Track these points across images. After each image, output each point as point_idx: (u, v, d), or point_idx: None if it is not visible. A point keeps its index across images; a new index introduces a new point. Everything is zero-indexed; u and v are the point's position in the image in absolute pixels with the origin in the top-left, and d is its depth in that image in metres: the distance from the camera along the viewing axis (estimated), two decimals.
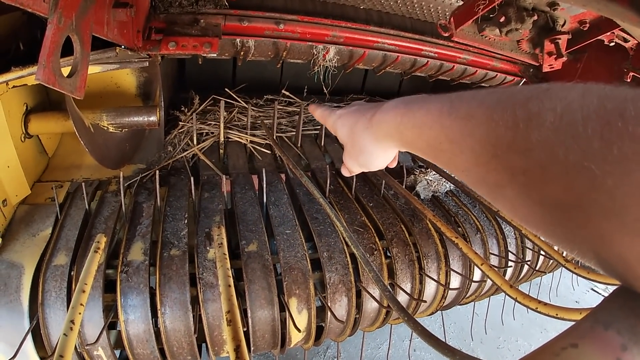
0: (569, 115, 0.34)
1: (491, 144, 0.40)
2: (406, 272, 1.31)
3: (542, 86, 0.39)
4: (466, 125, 0.44)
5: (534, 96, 0.38)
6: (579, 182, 0.32)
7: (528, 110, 0.37)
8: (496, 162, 0.40)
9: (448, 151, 0.47)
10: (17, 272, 1.04)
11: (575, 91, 0.35)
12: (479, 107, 0.43)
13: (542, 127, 0.35)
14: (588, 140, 0.32)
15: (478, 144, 0.42)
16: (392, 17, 1.65)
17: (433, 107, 0.50)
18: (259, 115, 1.95)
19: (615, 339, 0.29)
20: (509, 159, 0.38)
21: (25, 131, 1.27)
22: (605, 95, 0.33)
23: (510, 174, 0.39)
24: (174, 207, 1.30)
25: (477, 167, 0.43)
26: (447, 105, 0.48)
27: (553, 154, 0.34)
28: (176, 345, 1.10)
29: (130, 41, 1.09)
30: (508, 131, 0.38)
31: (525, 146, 0.36)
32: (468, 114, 0.44)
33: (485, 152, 0.41)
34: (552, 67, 1.64)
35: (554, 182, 0.34)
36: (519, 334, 3.09)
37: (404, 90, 2.80)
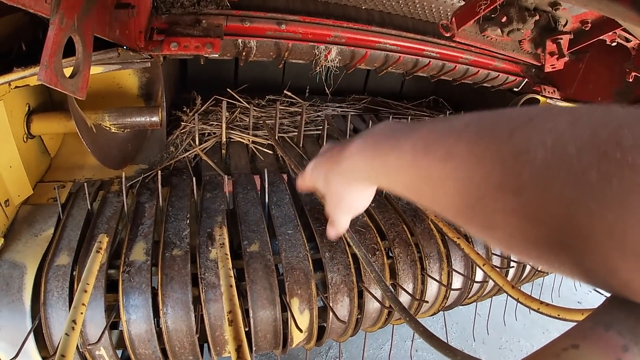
0: (561, 148, 0.31)
1: (476, 185, 0.37)
2: (408, 272, 1.31)
3: (525, 114, 0.36)
4: (446, 167, 0.40)
5: (518, 128, 0.35)
6: (576, 220, 0.30)
7: (514, 145, 0.34)
8: (484, 204, 0.37)
9: (430, 194, 0.44)
10: (20, 272, 1.04)
11: (563, 120, 0.33)
12: (456, 144, 0.40)
13: (532, 163, 0.32)
14: (584, 174, 0.29)
15: (462, 185, 0.39)
16: (394, 18, 1.65)
17: (404, 147, 0.46)
18: (261, 115, 1.96)
19: (616, 340, 0.29)
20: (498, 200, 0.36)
21: (28, 131, 1.27)
22: (598, 123, 0.31)
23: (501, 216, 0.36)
24: (176, 207, 1.30)
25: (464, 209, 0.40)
26: (420, 143, 0.44)
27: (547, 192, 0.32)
28: (178, 345, 1.10)
29: (132, 42, 1.09)
30: (494, 170, 0.35)
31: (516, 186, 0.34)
32: (446, 153, 0.40)
33: (471, 194, 0.38)
34: (554, 67, 1.64)
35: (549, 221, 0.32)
36: (521, 334, 3.08)
37: (406, 90, 2.80)
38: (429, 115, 2.45)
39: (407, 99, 2.69)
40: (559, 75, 1.86)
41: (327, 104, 2.34)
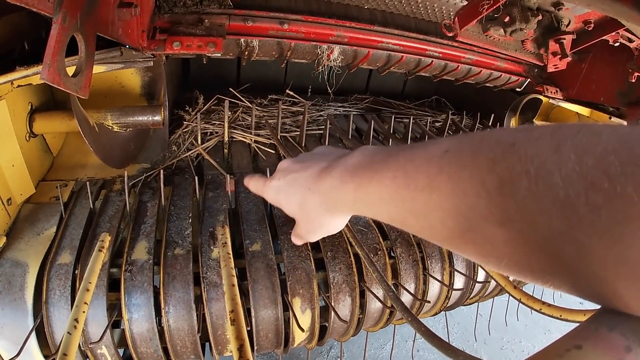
0: (546, 177, 0.30)
1: (463, 216, 0.36)
2: (410, 272, 1.31)
3: (505, 141, 0.35)
4: (430, 198, 0.39)
5: (499, 157, 0.34)
6: (566, 252, 0.30)
7: (497, 175, 0.33)
8: (472, 235, 0.37)
9: (415, 225, 0.43)
10: (22, 271, 1.04)
11: (546, 145, 0.31)
12: (438, 175, 0.39)
13: (517, 194, 0.31)
14: (571, 205, 0.28)
15: (448, 217, 0.38)
16: (396, 17, 1.65)
17: (384, 178, 0.46)
18: (263, 115, 1.96)
19: (619, 341, 0.29)
20: (486, 231, 0.35)
21: (30, 130, 1.28)
22: (583, 147, 0.29)
23: (491, 246, 0.36)
24: (178, 206, 1.30)
25: (453, 239, 0.39)
26: (400, 174, 0.43)
27: (535, 224, 0.31)
28: (180, 344, 1.10)
29: (134, 41, 1.09)
30: (480, 201, 0.35)
31: (503, 217, 0.33)
32: (428, 184, 0.40)
33: (458, 225, 0.37)
34: (557, 67, 1.63)
35: (539, 252, 0.32)
36: (523, 335, 3.08)
37: (408, 90, 2.80)
38: (431, 115, 2.45)
39: (410, 99, 2.68)
40: (561, 76, 1.86)
41: (330, 103, 2.34)
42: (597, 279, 0.29)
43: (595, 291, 0.31)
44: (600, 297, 0.31)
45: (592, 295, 0.32)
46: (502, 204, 0.33)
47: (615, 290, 0.29)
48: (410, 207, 0.42)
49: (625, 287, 0.28)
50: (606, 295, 0.30)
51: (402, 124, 2.27)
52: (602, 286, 0.29)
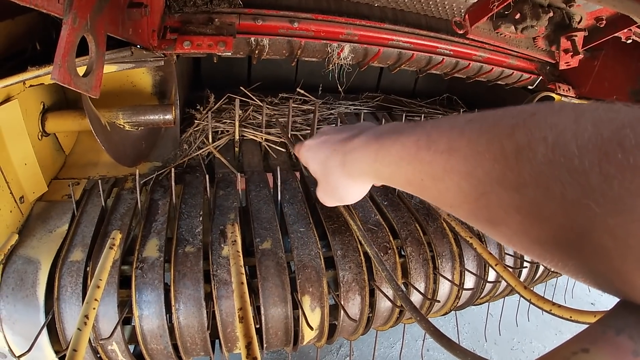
0: (563, 145, 0.30)
1: (479, 179, 0.37)
2: (420, 271, 1.31)
3: (528, 110, 0.35)
4: (448, 160, 0.40)
5: (520, 124, 0.34)
6: (578, 221, 0.30)
7: (516, 141, 0.34)
8: (486, 199, 0.37)
9: (431, 188, 0.44)
10: (34, 268, 1.06)
11: (566, 116, 0.32)
12: (459, 138, 0.39)
13: (533, 160, 0.32)
14: (585, 174, 0.29)
15: (464, 180, 0.38)
16: (406, 15, 1.64)
17: (408, 140, 0.46)
18: (274, 113, 1.96)
19: (627, 345, 0.29)
20: (500, 195, 0.35)
21: (43, 129, 1.29)
22: (601, 120, 0.30)
23: (504, 212, 0.36)
24: (189, 204, 1.31)
25: (466, 204, 0.40)
26: (424, 137, 0.44)
27: (549, 191, 0.31)
28: (189, 341, 1.11)
29: (145, 41, 1.10)
30: (496, 165, 0.35)
31: (518, 182, 0.33)
32: (449, 147, 0.40)
33: (473, 188, 0.38)
34: (569, 64, 1.61)
35: (551, 220, 0.32)
36: (533, 335, 3.05)
37: (419, 88, 2.78)
38: (442, 113, 2.44)
39: (421, 97, 2.67)
40: (573, 73, 1.84)
41: (340, 101, 2.34)
42: (606, 253, 0.29)
43: (603, 269, 0.31)
44: (606, 277, 0.31)
45: (597, 275, 0.32)
46: (518, 169, 0.33)
47: (623, 265, 0.29)
48: (428, 169, 0.43)
49: (634, 261, 0.28)
50: (614, 273, 0.30)
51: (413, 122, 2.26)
52: (611, 261, 0.29)
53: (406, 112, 2.31)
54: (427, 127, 0.45)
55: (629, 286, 0.30)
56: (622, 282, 0.30)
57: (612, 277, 0.30)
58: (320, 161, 0.68)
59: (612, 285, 0.31)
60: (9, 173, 1.11)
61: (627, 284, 0.30)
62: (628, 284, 0.30)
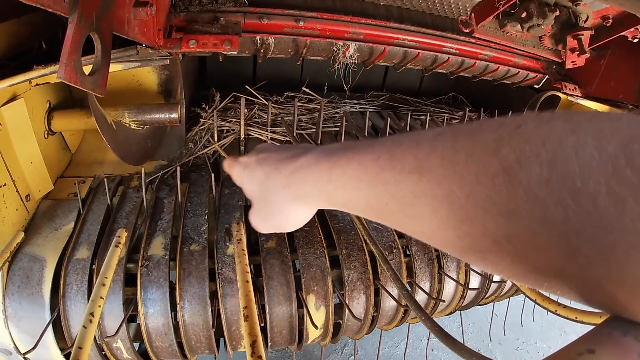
0: (561, 164, 0.26)
1: (459, 204, 0.32)
2: (425, 270, 1.30)
3: (510, 122, 0.31)
4: (419, 182, 0.34)
5: (504, 138, 0.30)
6: (583, 252, 0.26)
7: (502, 158, 0.29)
8: (469, 227, 0.32)
9: (399, 213, 0.37)
10: (40, 265, 1.06)
11: (559, 128, 0.28)
12: (430, 156, 0.34)
13: (526, 183, 0.27)
14: (591, 198, 0.25)
15: (441, 205, 0.33)
16: (412, 14, 1.64)
17: (366, 158, 0.40)
18: (279, 112, 1.96)
19: (633, 346, 0.28)
20: (486, 223, 0.30)
21: (49, 128, 1.30)
22: (601, 132, 0.26)
23: (491, 241, 0.31)
24: (195, 202, 1.31)
25: (442, 231, 0.34)
26: (385, 155, 0.38)
27: (547, 219, 0.27)
28: (194, 339, 1.11)
29: (151, 39, 1.10)
30: (480, 187, 0.30)
31: (508, 208, 0.29)
32: (417, 167, 0.35)
33: (453, 215, 0.32)
34: (575, 63, 1.60)
35: (550, 250, 0.28)
36: (538, 336, 3.04)
37: (425, 87, 2.78)
38: (448, 112, 2.43)
39: (426, 96, 2.66)
40: (580, 72, 1.83)
41: (346, 100, 2.34)
42: (616, 287, 0.26)
43: (609, 299, 0.28)
44: (613, 306, 0.28)
45: (603, 303, 0.29)
46: (507, 193, 0.28)
47: (633, 302, 0.26)
48: (393, 192, 0.37)
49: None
50: (620, 307, 0.27)
51: (418, 121, 2.26)
52: (620, 296, 0.26)
53: (412, 111, 2.31)
54: (387, 144, 0.39)
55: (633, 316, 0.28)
56: (628, 314, 0.28)
57: (616, 309, 0.28)
58: (258, 181, 0.58)
59: (613, 312, 0.29)
60: (15, 171, 1.11)
61: (633, 317, 0.28)
62: (634, 317, 0.28)
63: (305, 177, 0.49)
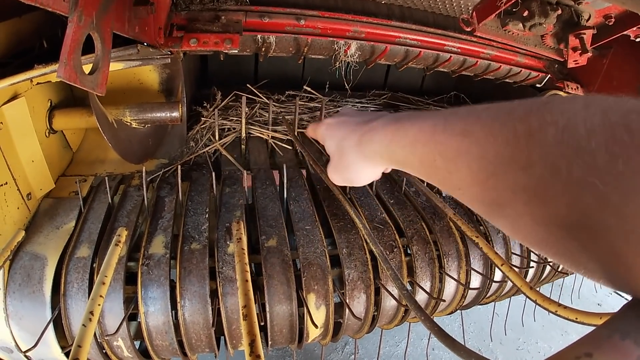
0: (572, 128, 0.32)
1: (489, 161, 0.38)
2: (426, 270, 1.30)
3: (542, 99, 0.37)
4: (462, 142, 0.42)
5: (534, 110, 0.36)
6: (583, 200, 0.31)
7: (528, 124, 0.35)
8: (495, 180, 0.38)
9: (442, 169, 0.45)
10: (40, 264, 1.06)
11: (577, 103, 0.33)
12: (475, 123, 0.41)
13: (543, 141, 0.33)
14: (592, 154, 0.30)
15: (475, 161, 0.40)
16: (414, 12, 1.63)
17: (426, 124, 0.48)
18: (281, 111, 1.96)
19: (632, 350, 0.28)
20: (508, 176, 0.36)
21: (50, 127, 1.30)
22: (609, 107, 0.31)
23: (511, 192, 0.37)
24: (196, 201, 1.31)
25: (474, 185, 0.41)
26: (441, 121, 0.46)
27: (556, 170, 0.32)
28: (195, 337, 1.11)
29: (151, 38, 1.10)
30: (507, 147, 0.36)
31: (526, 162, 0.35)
32: (464, 130, 0.42)
33: (483, 169, 0.39)
34: (577, 62, 1.60)
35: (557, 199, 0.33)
36: (539, 335, 3.04)
37: (426, 86, 2.77)
38: None
39: (428, 95, 2.66)
40: (582, 71, 1.82)
41: (347, 99, 2.33)
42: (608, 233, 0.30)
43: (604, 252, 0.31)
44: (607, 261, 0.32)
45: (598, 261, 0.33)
46: (528, 150, 0.34)
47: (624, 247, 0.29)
48: (441, 150, 0.44)
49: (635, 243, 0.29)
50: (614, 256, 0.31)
51: None
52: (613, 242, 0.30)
53: (413, 110, 2.30)
54: (445, 113, 0.47)
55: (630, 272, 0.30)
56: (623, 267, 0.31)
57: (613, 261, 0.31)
58: (337, 140, 0.70)
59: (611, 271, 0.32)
60: (16, 170, 1.12)
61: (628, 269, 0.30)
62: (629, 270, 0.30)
63: (374, 137, 0.59)
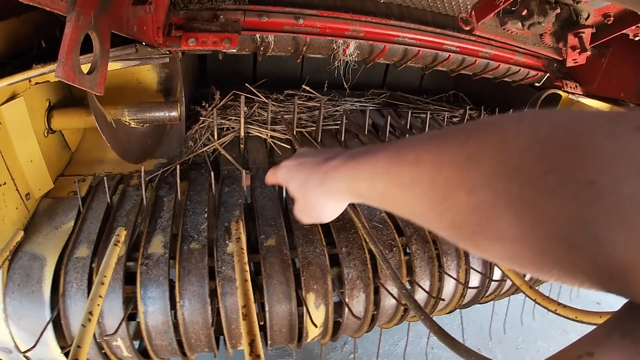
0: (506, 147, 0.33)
1: (440, 186, 0.39)
2: (425, 269, 1.30)
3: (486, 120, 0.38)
4: (414, 170, 0.43)
5: (475, 132, 0.37)
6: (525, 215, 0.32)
7: (469, 147, 0.37)
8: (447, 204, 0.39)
9: (401, 199, 0.46)
10: (40, 264, 1.06)
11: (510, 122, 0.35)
12: (425, 150, 0.42)
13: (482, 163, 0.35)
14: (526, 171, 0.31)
15: (428, 188, 0.41)
16: (412, 11, 1.63)
17: (381, 157, 0.49)
18: (279, 110, 1.96)
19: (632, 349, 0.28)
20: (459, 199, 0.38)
21: (48, 127, 1.30)
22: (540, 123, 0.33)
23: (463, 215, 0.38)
24: (195, 201, 1.31)
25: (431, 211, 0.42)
26: (394, 152, 0.47)
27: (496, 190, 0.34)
28: (194, 337, 1.11)
29: (150, 38, 1.10)
30: (453, 171, 0.38)
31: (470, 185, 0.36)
32: (415, 158, 0.43)
33: (436, 195, 0.40)
34: (576, 61, 1.60)
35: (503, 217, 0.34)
36: (539, 334, 3.04)
37: (425, 85, 2.77)
38: (448, 110, 2.42)
39: (427, 94, 2.66)
40: (581, 70, 1.82)
41: (346, 98, 2.33)
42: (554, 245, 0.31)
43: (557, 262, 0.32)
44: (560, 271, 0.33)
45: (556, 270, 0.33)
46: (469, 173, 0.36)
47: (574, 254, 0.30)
48: (398, 181, 0.45)
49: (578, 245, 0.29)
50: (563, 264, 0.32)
51: (419, 119, 2.25)
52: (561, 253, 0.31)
53: (412, 109, 2.30)
54: (399, 144, 0.48)
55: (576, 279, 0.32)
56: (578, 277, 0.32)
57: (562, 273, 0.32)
58: (299, 182, 0.71)
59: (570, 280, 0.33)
60: (15, 170, 1.11)
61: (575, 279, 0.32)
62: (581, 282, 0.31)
63: (334, 176, 0.60)
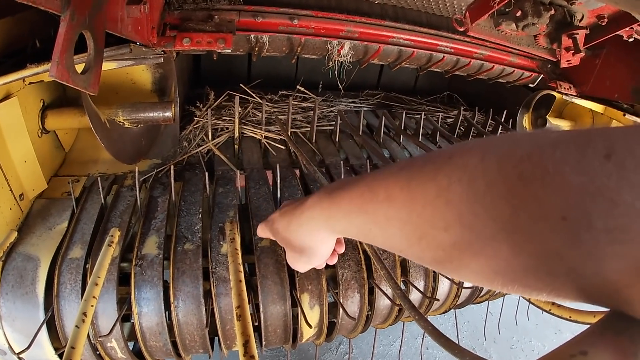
0: (474, 184, 0.33)
1: (416, 224, 0.39)
2: (419, 269, 1.30)
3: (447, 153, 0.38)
4: (389, 209, 0.43)
5: (440, 167, 0.37)
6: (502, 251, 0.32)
7: (438, 183, 0.36)
8: (425, 242, 0.39)
9: (379, 236, 0.46)
10: (33, 265, 1.06)
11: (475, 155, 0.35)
12: (394, 186, 0.42)
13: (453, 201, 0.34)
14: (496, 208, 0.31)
15: (404, 225, 0.41)
16: (407, 12, 1.64)
17: (354, 193, 0.49)
18: (274, 110, 1.96)
19: (626, 347, 0.28)
20: (435, 237, 0.37)
21: (42, 127, 1.29)
22: (504, 155, 0.32)
23: (442, 251, 0.38)
24: (189, 201, 1.30)
25: (411, 247, 0.42)
26: (366, 189, 0.47)
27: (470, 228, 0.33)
28: (189, 338, 1.11)
29: (144, 38, 1.10)
30: (426, 209, 0.37)
31: (445, 223, 0.36)
32: (387, 196, 0.43)
33: (412, 233, 0.40)
34: (570, 62, 1.61)
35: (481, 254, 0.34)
36: (533, 334, 3.05)
37: (420, 86, 2.78)
38: (443, 111, 2.43)
39: (421, 95, 2.67)
40: (575, 71, 1.83)
41: (340, 99, 2.34)
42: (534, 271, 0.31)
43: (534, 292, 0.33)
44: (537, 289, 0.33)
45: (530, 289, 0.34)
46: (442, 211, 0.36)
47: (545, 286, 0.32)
48: (373, 219, 0.45)
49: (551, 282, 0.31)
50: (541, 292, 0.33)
51: (413, 120, 2.26)
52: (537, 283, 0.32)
53: (406, 110, 2.31)
54: (367, 179, 0.48)
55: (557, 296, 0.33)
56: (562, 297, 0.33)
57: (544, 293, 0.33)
58: (283, 229, 0.73)
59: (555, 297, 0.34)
60: (8, 170, 1.11)
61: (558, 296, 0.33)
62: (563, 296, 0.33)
63: (312, 215, 0.60)
